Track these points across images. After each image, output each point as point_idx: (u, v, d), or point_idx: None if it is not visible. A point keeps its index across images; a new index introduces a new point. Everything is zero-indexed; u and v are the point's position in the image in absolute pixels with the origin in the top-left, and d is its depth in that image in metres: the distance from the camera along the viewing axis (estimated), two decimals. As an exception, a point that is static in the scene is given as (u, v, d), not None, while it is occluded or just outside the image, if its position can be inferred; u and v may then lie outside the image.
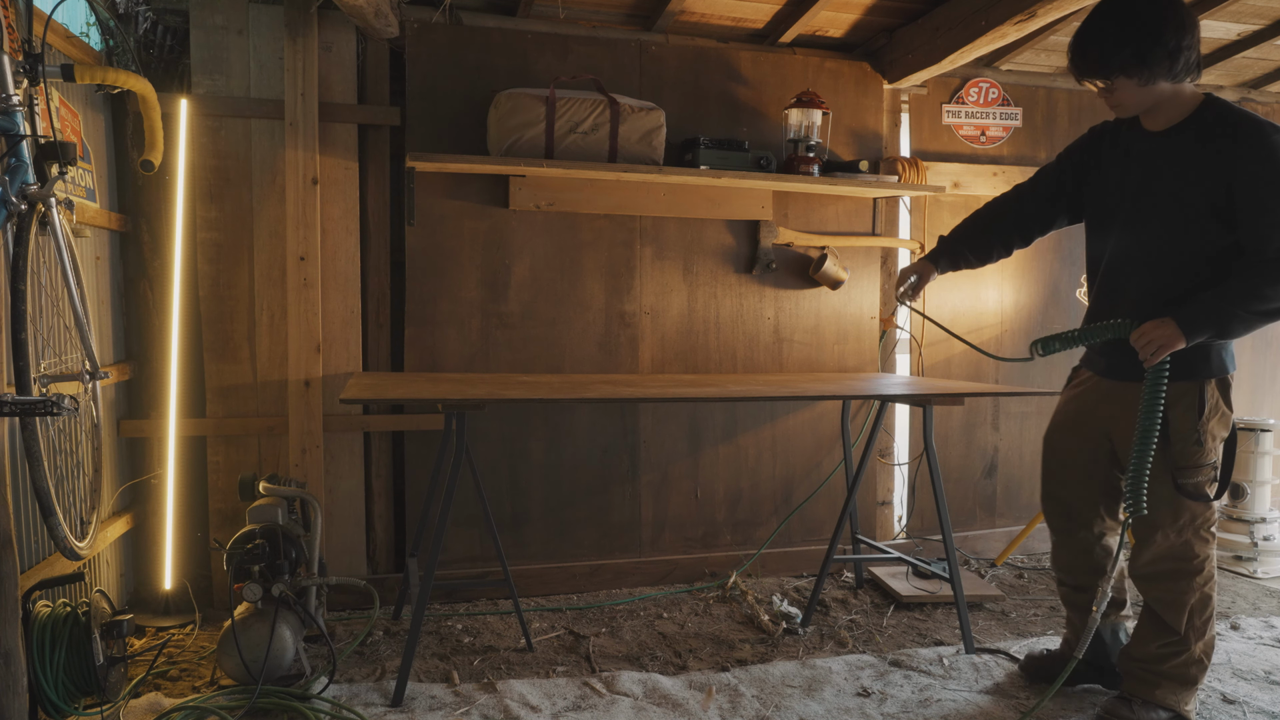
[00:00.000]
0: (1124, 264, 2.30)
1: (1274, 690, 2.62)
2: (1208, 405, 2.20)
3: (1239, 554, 3.86)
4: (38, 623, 2.17)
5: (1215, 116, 2.11)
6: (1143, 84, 2.10)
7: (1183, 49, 2.05)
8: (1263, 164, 2.02)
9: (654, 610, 3.27)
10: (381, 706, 2.44)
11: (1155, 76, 2.08)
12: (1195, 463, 2.21)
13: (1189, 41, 2.06)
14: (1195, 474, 2.21)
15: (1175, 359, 2.14)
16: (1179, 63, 2.07)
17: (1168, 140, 2.18)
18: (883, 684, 2.64)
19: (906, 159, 3.78)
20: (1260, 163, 2.02)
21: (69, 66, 2.06)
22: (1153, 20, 2.04)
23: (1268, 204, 2.01)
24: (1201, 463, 2.21)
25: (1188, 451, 2.21)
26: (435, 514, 3.07)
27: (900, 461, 3.99)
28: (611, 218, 3.50)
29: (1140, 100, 2.15)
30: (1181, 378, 2.18)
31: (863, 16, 3.53)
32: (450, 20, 3.30)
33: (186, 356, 3.11)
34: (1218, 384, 2.22)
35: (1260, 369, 4.52)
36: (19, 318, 1.75)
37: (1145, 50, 2.04)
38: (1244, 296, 2.02)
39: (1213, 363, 2.20)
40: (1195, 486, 2.22)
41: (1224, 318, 2.03)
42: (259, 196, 3.16)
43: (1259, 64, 4.11)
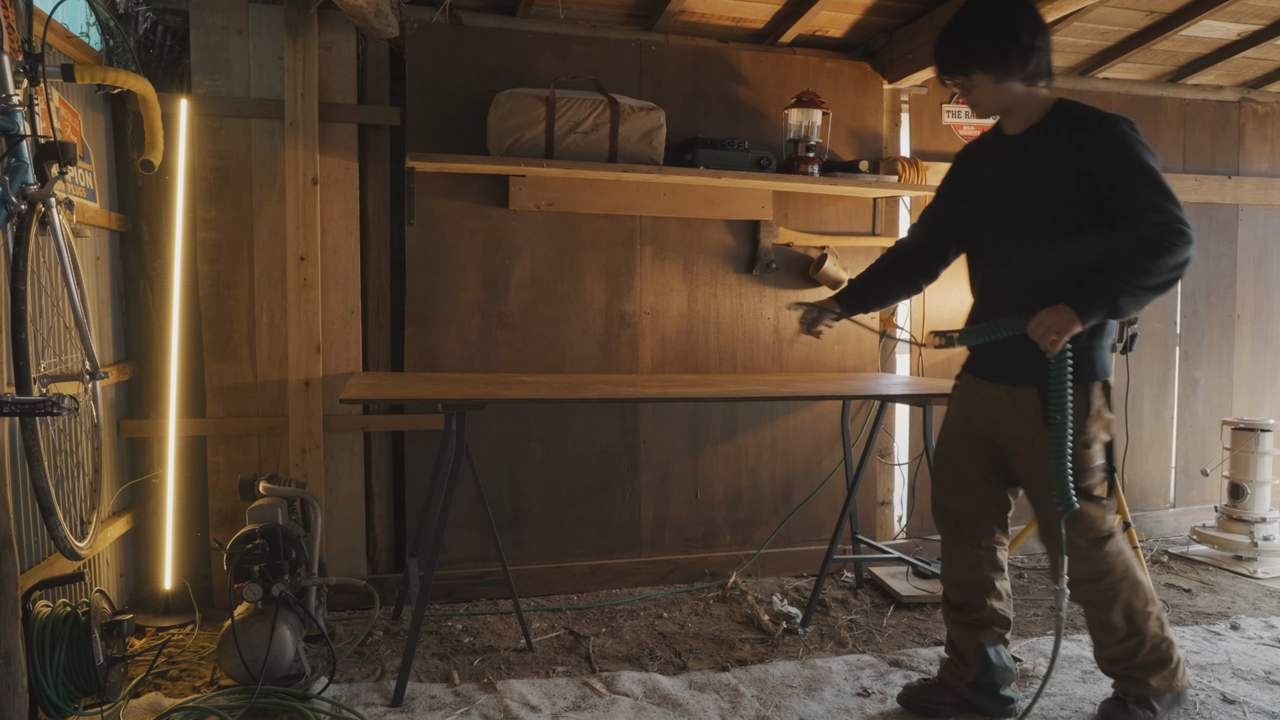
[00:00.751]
0: (1000, 266, 2.31)
1: (1274, 690, 2.62)
2: (1093, 407, 2.21)
3: (1239, 554, 3.86)
4: (38, 623, 2.17)
5: (1067, 114, 2.20)
6: (998, 81, 2.18)
7: (1035, 49, 2.17)
8: (1119, 150, 2.10)
9: (654, 610, 3.27)
10: (381, 706, 2.44)
11: (1010, 74, 2.17)
12: (1085, 465, 2.21)
13: (1042, 42, 2.18)
14: (1087, 477, 2.21)
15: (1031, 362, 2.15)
16: (1032, 62, 2.17)
17: (1026, 140, 2.25)
18: (883, 684, 2.64)
19: (906, 159, 3.77)
20: (1115, 149, 2.10)
21: (69, 66, 2.06)
22: (1009, 19, 2.16)
23: (1131, 186, 2.08)
24: (1090, 465, 2.22)
25: (1078, 455, 2.20)
26: (435, 514, 3.07)
27: (900, 461, 3.99)
28: (611, 218, 3.50)
29: (996, 99, 2.22)
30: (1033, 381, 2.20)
31: (863, 16, 3.53)
32: (450, 20, 3.30)
33: (186, 356, 3.11)
34: (1101, 387, 2.23)
35: (1260, 369, 4.52)
36: (19, 318, 1.75)
37: (1001, 47, 2.15)
38: (1129, 273, 2.06)
39: (1095, 365, 2.22)
40: (1087, 489, 2.21)
41: (1113, 295, 2.06)
42: (259, 196, 3.16)
43: (1259, 64, 4.11)
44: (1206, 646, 2.96)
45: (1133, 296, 2.06)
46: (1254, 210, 4.43)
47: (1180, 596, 3.50)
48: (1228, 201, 4.35)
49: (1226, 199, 4.35)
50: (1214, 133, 4.35)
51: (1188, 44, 3.88)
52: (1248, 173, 4.41)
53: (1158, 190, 2.07)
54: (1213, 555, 3.97)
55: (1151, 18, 3.65)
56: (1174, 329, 4.35)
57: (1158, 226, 2.05)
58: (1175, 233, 2.05)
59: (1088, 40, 3.81)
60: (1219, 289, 4.41)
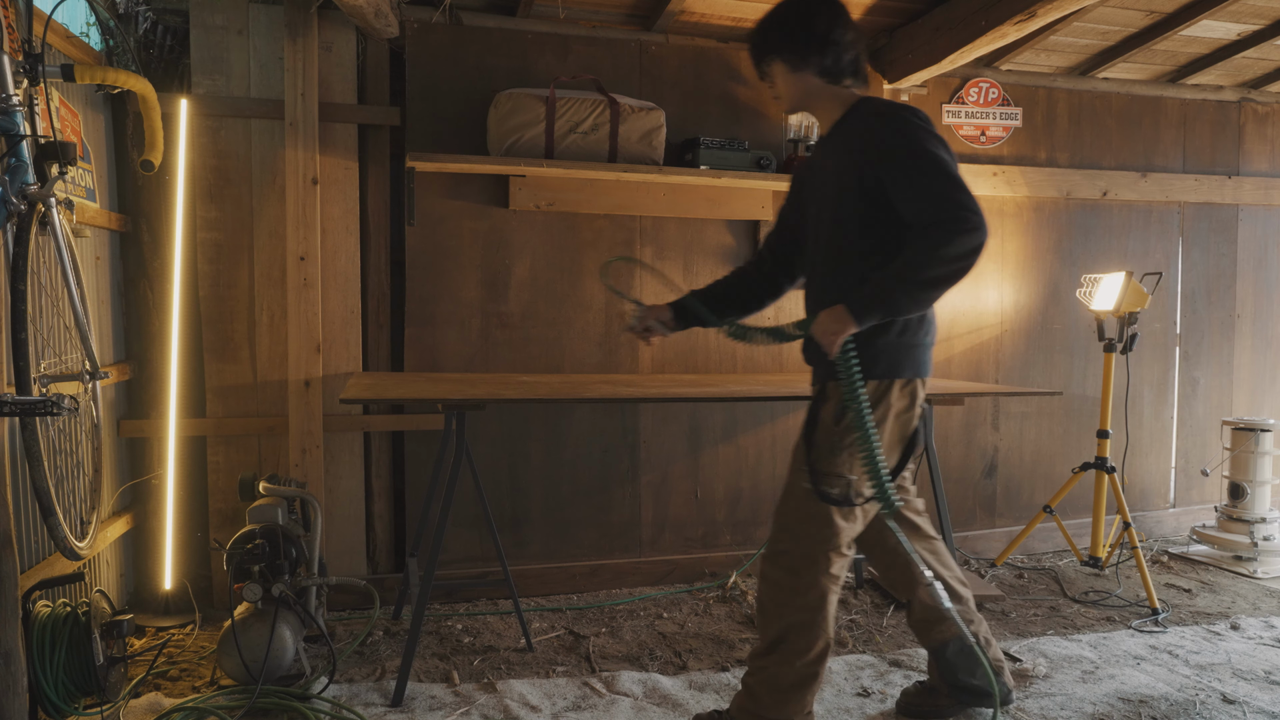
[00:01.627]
0: (812, 266, 2.26)
1: (1274, 690, 2.62)
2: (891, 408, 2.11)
3: (1239, 554, 3.86)
4: (38, 623, 2.17)
5: (861, 109, 2.12)
6: (793, 70, 2.14)
7: (833, 41, 2.11)
8: (900, 139, 2.01)
9: (654, 610, 3.27)
10: (381, 706, 2.44)
11: (805, 65, 2.13)
12: (828, 469, 2.09)
13: (840, 35, 2.11)
14: (825, 480, 2.09)
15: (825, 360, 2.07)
16: (829, 56, 2.11)
17: (829, 140, 2.20)
18: (883, 684, 2.64)
19: (906, 159, 3.77)
20: (897, 138, 2.02)
21: (69, 66, 2.06)
22: (806, 8, 2.13)
23: (910, 178, 1.99)
24: (833, 470, 2.09)
25: (823, 456, 2.10)
26: (435, 514, 3.07)
27: (900, 461, 3.99)
28: (611, 218, 3.50)
29: (794, 90, 2.17)
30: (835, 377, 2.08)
31: (863, 16, 3.53)
32: (450, 20, 3.30)
33: (186, 356, 3.11)
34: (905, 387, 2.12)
35: (1260, 369, 4.52)
36: (19, 318, 1.75)
37: (795, 33, 2.12)
38: (906, 269, 1.96)
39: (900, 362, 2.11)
40: (824, 493, 2.09)
41: (886, 294, 1.98)
42: (259, 196, 3.16)
43: (1259, 64, 4.11)
44: (1206, 646, 2.96)
45: (908, 294, 1.97)
46: (1254, 210, 4.43)
47: (1180, 596, 3.50)
48: (1228, 201, 4.35)
49: (1226, 199, 4.35)
50: (1214, 133, 4.35)
51: (1188, 44, 3.88)
52: (1248, 173, 4.41)
53: (939, 178, 1.96)
54: (1213, 555, 3.97)
55: (1151, 18, 3.65)
56: (1174, 329, 4.35)
57: (937, 216, 1.95)
58: (954, 221, 1.92)
59: (1088, 40, 3.81)
60: (1219, 289, 4.41)
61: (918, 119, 2.04)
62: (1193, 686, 2.64)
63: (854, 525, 2.14)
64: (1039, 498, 4.12)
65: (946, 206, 1.94)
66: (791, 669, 2.11)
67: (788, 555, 2.14)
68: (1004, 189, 4.02)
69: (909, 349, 2.12)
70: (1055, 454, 4.17)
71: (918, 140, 2.00)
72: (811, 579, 2.11)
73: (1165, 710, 2.48)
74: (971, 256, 1.94)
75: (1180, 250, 4.32)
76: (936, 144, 2.01)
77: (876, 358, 2.08)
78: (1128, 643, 2.99)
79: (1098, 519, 3.61)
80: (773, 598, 2.17)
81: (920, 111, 2.06)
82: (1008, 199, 4.05)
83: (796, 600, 2.11)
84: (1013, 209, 4.06)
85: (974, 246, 1.93)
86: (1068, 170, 4.10)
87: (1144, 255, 4.24)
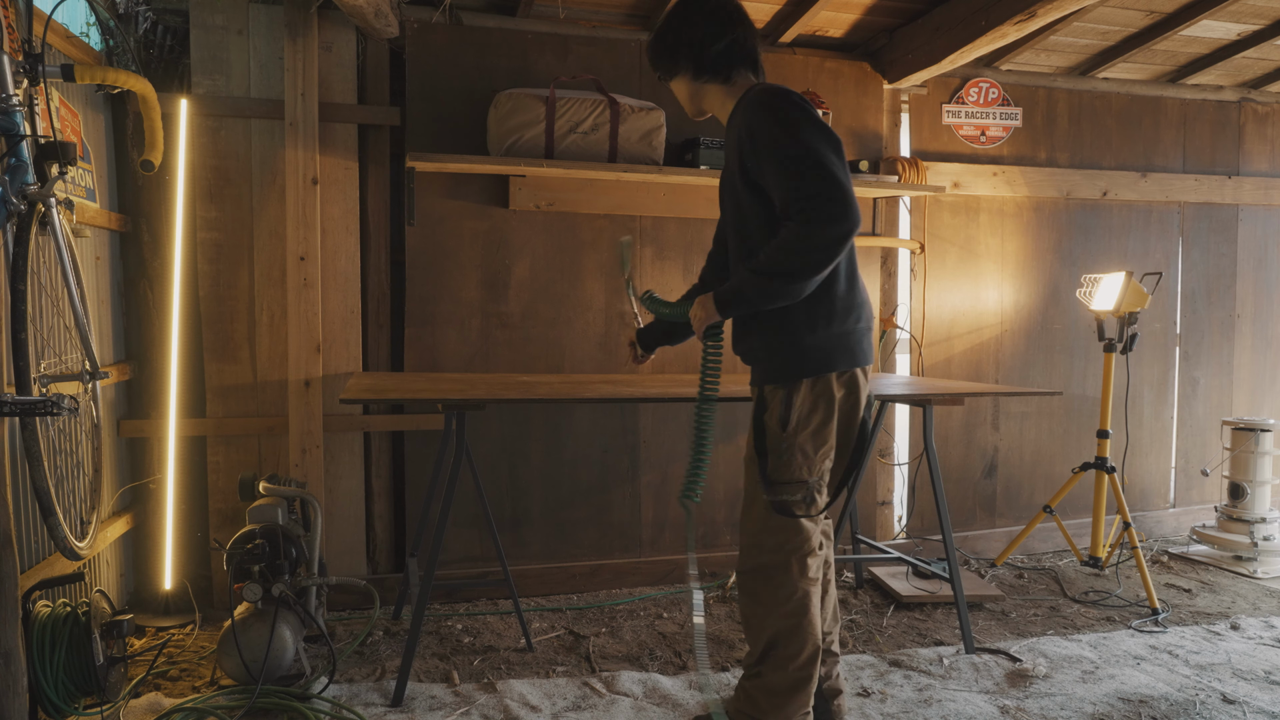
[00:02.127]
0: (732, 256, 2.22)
1: (1274, 690, 2.62)
2: (794, 414, 2.04)
3: (1239, 554, 3.86)
4: (38, 623, 2.17)
5: (746, 98, 2.06)
6: (673, 80, 2.18)
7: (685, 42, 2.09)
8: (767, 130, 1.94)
9: (654, 610, 3.27)
10: (381, 706, 2.44)
11: (675, 67, 2.14)
12: (784, 478, 2.05)
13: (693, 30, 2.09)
14: (783, 490, 2.06)
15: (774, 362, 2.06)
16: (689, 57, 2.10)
17: (727, 134, 2.16)
18: (883, 684, 2.64)
19: (906, 159, 3.78)
20: (765, 127, 1.95)
21: (69, 66, 2.06)
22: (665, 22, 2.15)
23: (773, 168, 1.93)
24: (790, 479, 2.05)
25: (778, 466, 2.06)
26: (435, 514, 3.07)
27: (900, 461, 3.99)
28: (611, 218, 3.50)
29: (683, 95, 2.19)
30: (772, 381, 2.08)
31: (863, 16, 3.53)
32: (450, 20, 3.30)
33: (186, 356, 3.11)
34: (813, 387, 2.05)
35: (1260, 369, 4.52)
36: (19, 317, 1.75)
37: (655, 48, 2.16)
38: (760, 265, 1.93)
39: (803, 360, 2.04)
40: (782, 504, 2.06)
41: (746, 288, 1.95)
42: (259, 196, 3.16)
43: (1259, 64, 4.11)
44: (1206, 646, 2.96)
45: (758, 287, 1.93)
46: (1254, 210, 4.43)
47: (1180, 596, 3.50)
48: (1228, 201, 4.35)
49: (1226, 199, 4.35)
50: (1214, 133, 4.35)
51: (1188, 44, 3.88)
52: (1248, 173, 4.41)
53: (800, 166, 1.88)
54: (1213, 555, 3.97)
55: (1151, 18, 3.65)
56: (1174, 329, 4.36)
57: (795, 208, 1.88)
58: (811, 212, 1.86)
59: (1088, 40, 3.82)
60: (1219, 289, 4.41)
61: (789, 104, 1.95)
62: (1193, 686, 2.64)
63: (819, 522, 2.14)
64: (1039, 498, 4.12)
65: (804, 196, 1.86)
66: (785, 674, 2.11)
67: (763, 568, 2.12)
68: (1004, 189, 4.02)
69: (840, 338, 2.06)
70: (1055, 454, 4.17)
71: (784, 127, 1.92)
72: (790, 587, 2.09)
73: (1165, 710, 2.48)
74: (832, 247, 1.87)
75: (1180, 250, 4.32)
76: (807, 130, 1.91)
77: (806, 354, 2.04)
78: (1128, 643, 2.99)
79: (1098, 519, 3.61)
80: (754, 611, 2.15)
81: (795, 96, 1.98)
82: (1008, 199, 4.05)
83: (778, 609, 2.10)
84: (1013, 209, 4.06)
85: (833, 237, 1.86)
86: (1068, 170, 4.10)
87: (1144, 255, 4.24)
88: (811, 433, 2.06)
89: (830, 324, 2.04)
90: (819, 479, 2.09)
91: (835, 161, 1.90)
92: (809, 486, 2.08)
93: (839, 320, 2.05)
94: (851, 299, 2.08)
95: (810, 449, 2.07)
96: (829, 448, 2.10)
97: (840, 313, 2.05)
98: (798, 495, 2.07)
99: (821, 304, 2.03)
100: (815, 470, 2.08)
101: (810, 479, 2.07)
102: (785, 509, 2.07)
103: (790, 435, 2.05)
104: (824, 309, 2.03)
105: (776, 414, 2.06)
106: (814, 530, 2.11)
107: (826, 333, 2.04)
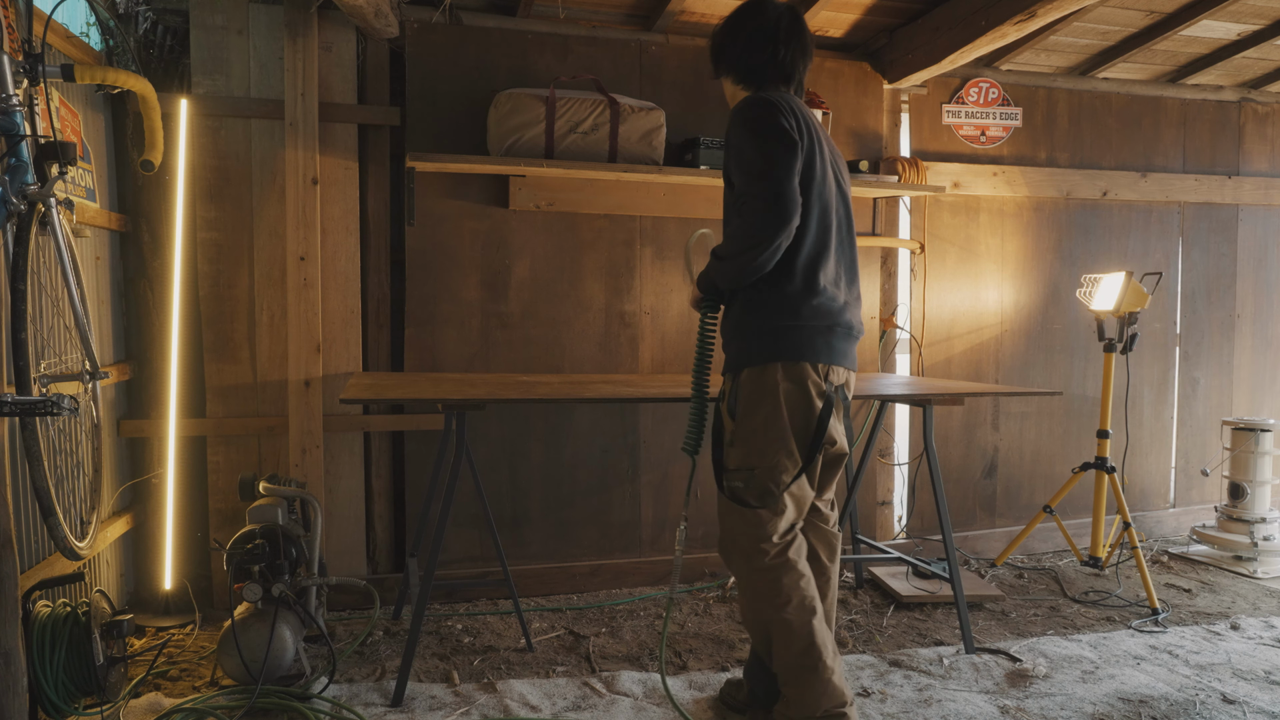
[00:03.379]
0: None
1: (1274, 690, 2.62)
2: (739, 403, 2.16)
3: (1239, 554, 3.86)
4: (38, 623, 2.17)
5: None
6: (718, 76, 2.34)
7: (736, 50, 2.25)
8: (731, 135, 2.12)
9: (654, 610, 3.27)
10: (381, 706, 2.44)
11: (721, 71, 2.32)
12: (732, 465, 2.17)
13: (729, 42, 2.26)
14: (733, 477, 2.17)
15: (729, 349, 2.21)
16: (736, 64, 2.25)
17: None
18: (883, 684, 2.64)
19: (906, 159, 3.78)
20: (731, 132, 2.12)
21: (69, 66, 2.06)
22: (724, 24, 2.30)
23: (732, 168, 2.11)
24: (738, 465, 2.16)
25: (729, 453, 2.19)
26: (435, 514, 3.07)
27: (900, 461, 3.99)
28: (611, 218, 3.50)
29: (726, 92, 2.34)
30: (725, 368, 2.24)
31: (863, 16, 3.53)
32: (450, 20, 3.30)
33: (186, 356, 3.11)
34: (753, 378, 2.15)
35: (1260, 369, 4.52)
36: (19, 317, 1.75)
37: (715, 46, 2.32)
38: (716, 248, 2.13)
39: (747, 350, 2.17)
40: (732, 491, 2.16)
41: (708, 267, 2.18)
42: (259, 196, 3.16)
43: (1259, 64, 4.11)
44: (1206, 646, 2.96)
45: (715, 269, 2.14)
46: (1254, 210, 4.43)
47: (1180, 596, 3.50)
48: (1228, 201, 4.35)
49: (1226, 199, 4.35)
50: (1214, 133, 4.35)
51: (1188, 44, 3.88)
52: (1248, 173, 4.41)
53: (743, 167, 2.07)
54: (1213, 555, 3.98)
55: (1151, 18, 3.65)
56: (1174, 329, 4.36)
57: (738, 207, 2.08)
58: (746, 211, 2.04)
59: (1088, 40, 3.82)
60: (1219, 289, 4.41)
61: (752, 110, 2.10)
62: (1193, 686, 2.64)
63: (783, 515, 2.16)
64: (1039, 498, 4.12)
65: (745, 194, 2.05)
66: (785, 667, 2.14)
67: (729, 554, 2.22)
68: (1004, 189, 4.02)
69: (787, 332, 2.13)
70: (1055, 454, 4.17)
71: (742, 132, 2.09)
72: (759, 574, 2.15)
73: (1165, 710, 2.48)
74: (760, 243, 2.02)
75: (1180, 250, 4.32)
76: (761, 133, 2.06)
77: (750, 346, 2.16)
78: (1128, 643, 2.99)
79: (1098, 519, 3.61)
80: (742, 606, 2.25)
81: (761, 101, 2.11)
82: (1008, 199, 4.05)
83: (758, 601, 2.17)
84: (1013, 209, 4.06)
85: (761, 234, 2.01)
86: (1068, 170, 4.10)
87: (1144, 255, 4.24)
88: (761, 422, 2.13)
89: (777, 318, 2.13)
90: (770, 468, 2.14)
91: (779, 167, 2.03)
92: (754, 475, 2.14)
93: (787, 316, 2.14)
94: (806, 298, 2.14)
95: (759, 439, 2.14)
96: (782, 439, 2.13)
97: (789, 310, 2.14)
98: (744, 483, 2.15)
99: (769, 301, 2.14)
100: (766, 459, 2.13)
101: (757, 467, 2.14)
102: (735, 496, 2.17)
103: (739, 423, 2.16)
104: (771, 305, 2.14)
105: (727, 403, 2.20)
106: (771, 518, 2.15)
107: (772, 325, 2.14)
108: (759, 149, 2.05)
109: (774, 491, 2.14)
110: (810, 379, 2.14)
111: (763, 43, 2.22)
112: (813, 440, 2.16)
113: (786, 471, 2.14)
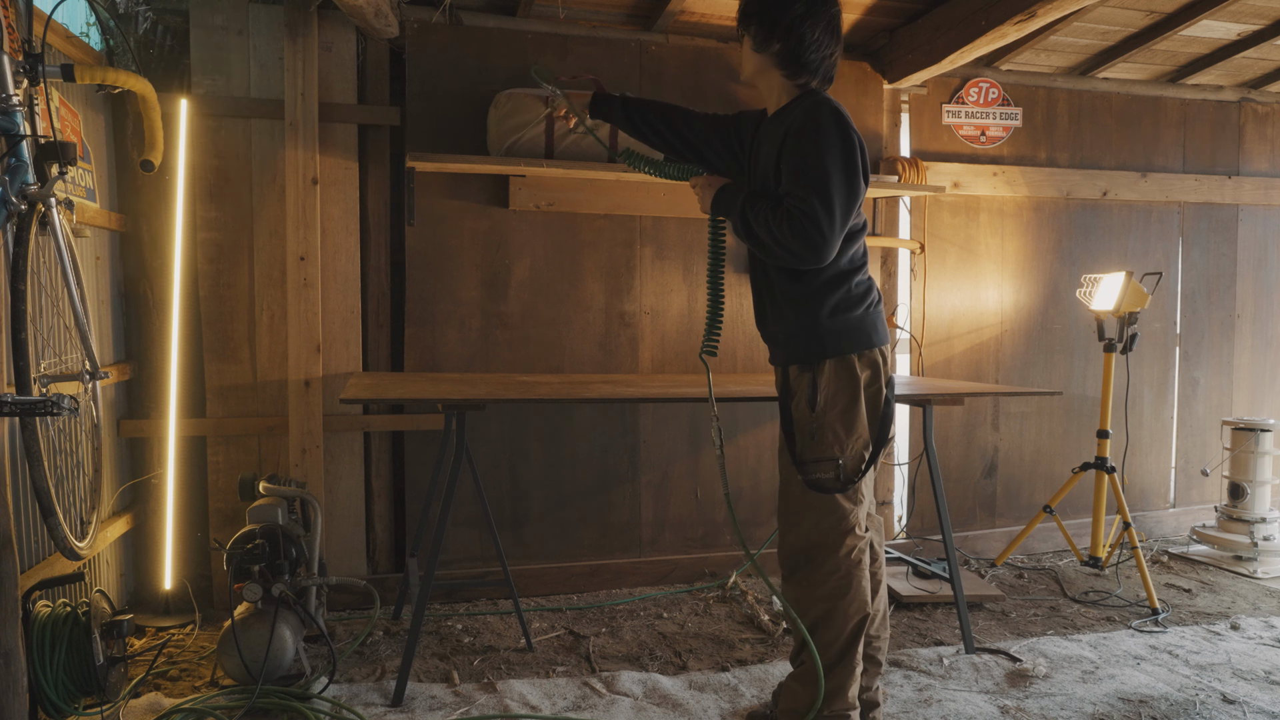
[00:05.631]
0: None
1: (1274, 690, 2.62)
2: (820, 395, 2.14)
3: (1239, 554, 3.86)
4: (38, 623, 2.17)
5: (805, 100, 2.15)
6: (755, 48, 2.18)
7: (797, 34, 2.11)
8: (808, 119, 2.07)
9: (654, 610, 3.27)
10: (381, 706, 2.44)
11: (768, 43, 2.14)
12: (815, 456, 2.14)
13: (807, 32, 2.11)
14: (815, 469, 2.15)
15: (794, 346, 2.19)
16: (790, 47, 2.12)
17: (771, 122, 2.24)
18: (883, 684, 2.63)
19: (906, 159, 3.78)
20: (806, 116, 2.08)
21: (69, 66, 2.06)
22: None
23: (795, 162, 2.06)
24: (821, 456, 2.14)
25: (808, 445, 2.15)
26: (435, 514, 3.06)
27: (900, 461, 3.99)
28: (611, 218, 3.50)
29: (750, 65, 2.23)
30: (795, 362, 2.20)
31: (863, 16, 3.53)
32: (450, 20, 3.30)
33: (186, 356, 3.11)
34: (837, 369, 2.14)
35: (1260, 369, 4.52)
36: (19, 317, 1.75)
37: (766, 14, 2.13)
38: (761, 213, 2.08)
39: (826, 344, 2.15)
40: (816, 481, 2.15)
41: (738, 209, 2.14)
42: (259, 196, 3.16)
43: (1259, 64, 4.11)
44: (1206, 646, 2.96)
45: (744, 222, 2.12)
46: (1254, 210, 4.43)
47: (1180, 596, 3.50)
48: (1228, 201, 4.35)
49: (1226, 199, 4.35)
50: (1214, 133, 4.35)
51: (1188, 44, 3.88)
52: (1248, 173, 4.41)
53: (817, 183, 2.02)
54: (1213, 555, 3.98)
55: (1151, 18, 3.65)
56: (1174, 329, 4.36)
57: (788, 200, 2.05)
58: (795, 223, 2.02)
59: (1088, 40, 3.82)
60: (1219, 289, 4.41)
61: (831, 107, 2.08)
62: (1193, 686, 2.64)
63: (861, 504, 2.18)
64: (1039, 498, 4.12)
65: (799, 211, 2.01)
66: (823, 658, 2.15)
67: (803, 548, 2.19)
68: (1004, 189, 4.02)
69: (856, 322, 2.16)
70: (1055, 454, 4.17)
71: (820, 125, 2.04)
72: (830, 566, 2.15)
73: (1165, 710, 2.48)
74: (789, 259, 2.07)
75: (1180, 250, 4.32)
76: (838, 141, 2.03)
77: (825, 339, 2.14)
78: (1128, 643, 2.99)
79: (1098, 519, 3.61)
80: (795, 595, 2.22)
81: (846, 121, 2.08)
82: (1008, 199, 4.05)
83: (816, 589, 2.17)
84: (1013, 209, 4.06)
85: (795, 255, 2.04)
86: (1068, 170, 4.10)
87: (1144, 255, 4.24)
88: (840, 412, 2.14)
89: (848, 311, 2.15)
90: (852, 458, 2.15)
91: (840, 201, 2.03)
92: (839, 464, 2.14)
93: (855, 306, 2.17)
94: (863, 286, 2.20)
95: (840, 428, 2.14)
96: (861, 427, 2.16)
97: (855, 301, 2.17)
98: (830, 473, 2.14)
99: (836, 292, 2.15)
100: (847, 448, 2.14)
101: (841, 456, 2.14)
102: (819, 485, 2.15)
103: (820, 415, 2.14)
104: (843, 301, 2.15)
105: (804, 397, 2.16)
106: (852, 510, 2.16)
107: (844, 318, 2.15)
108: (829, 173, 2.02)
109: (854, 480, 2.16)
110: (881, 365, 2.20)
111: (830, 42, 2.16)
112: (882, 425, 2.19)
113: (864, 459, 2.17)
